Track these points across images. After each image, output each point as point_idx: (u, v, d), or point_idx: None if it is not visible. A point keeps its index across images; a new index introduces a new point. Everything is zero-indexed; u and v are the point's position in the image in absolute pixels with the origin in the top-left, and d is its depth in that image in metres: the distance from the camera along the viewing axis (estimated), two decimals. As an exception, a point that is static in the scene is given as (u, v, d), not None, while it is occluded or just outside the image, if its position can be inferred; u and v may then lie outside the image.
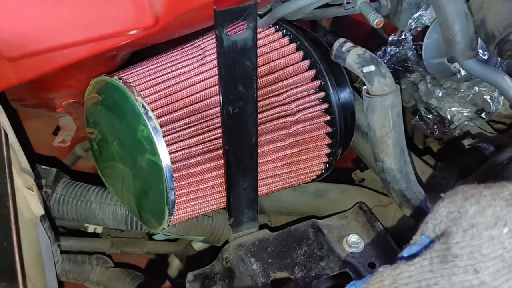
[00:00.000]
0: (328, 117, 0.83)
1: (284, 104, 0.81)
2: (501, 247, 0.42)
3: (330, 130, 0.83)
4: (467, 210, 0.44)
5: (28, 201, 0.63)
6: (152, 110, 0.72)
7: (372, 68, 0.75)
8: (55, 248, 0.84)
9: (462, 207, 0.45)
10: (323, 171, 0.87)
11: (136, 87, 0.74)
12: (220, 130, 0.72)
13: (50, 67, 0.66)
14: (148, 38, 0.68)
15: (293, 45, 0.83)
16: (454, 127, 0.92)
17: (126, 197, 0.83)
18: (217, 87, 0.69)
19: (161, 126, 0.72)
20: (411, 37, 0.87)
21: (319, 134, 0.83)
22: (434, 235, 0.46)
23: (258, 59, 0.67)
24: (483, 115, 0.91)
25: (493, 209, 0.43)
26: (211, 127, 0.76)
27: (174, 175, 0.72)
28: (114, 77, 0.75)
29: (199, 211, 0.79)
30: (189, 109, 0.75)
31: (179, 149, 0.74)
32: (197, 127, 0.75)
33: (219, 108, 0.70)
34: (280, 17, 0.81)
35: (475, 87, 0.89)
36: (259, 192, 0.79)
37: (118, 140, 0.78)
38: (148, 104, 0.72)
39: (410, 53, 0.89)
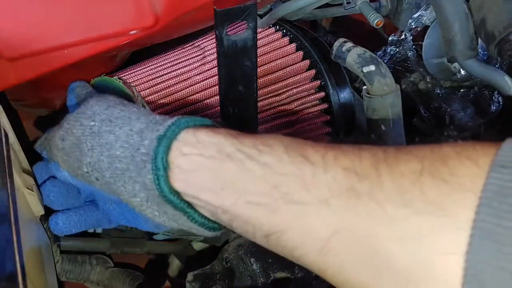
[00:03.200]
0: (328, 117, 0.83)
1: (284, 104, 0.81)
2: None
3: (330, 130, 0.83)
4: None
5: (28, 201, 0.62)
6: (152, 110, 0.72)
7: (372, 68, 0.75)
8: (55, 248, 0.84)
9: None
10: (323, 171, 0.87)
11: (136, 87, 0.74)
12: (220, 130, 0.72)
13: (50, 67, 0.66)
14: (148, 38, 0.67)
15: (293, 45, 0.83)
16: (454, 127, 0.92)
17: (126, 197, 0.83)
18: (217, 87, 0.69)
19: (161, 126, 0.72)
20: (411, 37, 0.87)
21: (319, 134, 0.83)
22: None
23: (258, 59, 0.67)
24: (483, 115, 0.91)
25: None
26: (211, 127, 0.76)
27: (174, 175, 0.72)
28: (114, 77, 0.75)
29: (199, 211, 0.79)
30: (189, 109, 0.75)
31: (179, 149, 0.73)
32: (197, 127, 0.75)
33: (219, 108, 0.70)
34: (280, 17, 0.81)
35: (475, 87, 0.89)
36: (259, 192, 0.79)
37: (118, 140, 0.78)
38: (148, 104, 0.72)
39: (410, 53, 0.89)
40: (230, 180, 0.49)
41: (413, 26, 0.84)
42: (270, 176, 0.47)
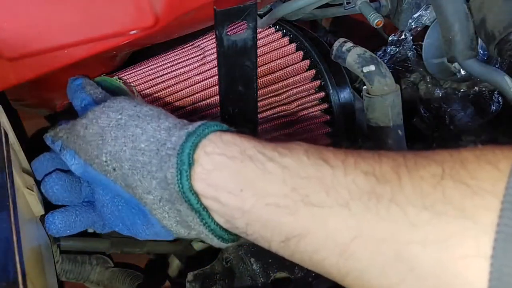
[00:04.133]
0: (328, 117, 0.83)
1: (284, 104, 0.81)
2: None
3: (330, 130, 0.83)
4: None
5: (28, 201, 0.62)
6: (152, 110, 0.72)
7: (372, 68, 0.75)
8: (55, 248, 0.84)
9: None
10: (323, 171, 0.87)
11: (136, 87, 0.74)
12: (220, 130, 0.72)
13: (50, 67, 0.66)
14: (148, 38, 0.67)
15: (293, 45, 0.83)
16: (454, 127, 0.92)
17: (126, 197, 0.83)
18: (217, 87, 0.70)
19: (161, 126, 0.72)
20: (411, 37, 0.87)
21: (319, 134, 0.83)
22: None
23: (258, 59, 0.67)
24: (483, 115, 0.91)
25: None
26: (211, 127, 0.76)
27: (174, 175, 0.72)
28: (114, 77, 0.75)
29: (199, 211, 0.79)
30: (189, 109, 0.75)
31: (179, 149, 0.73)
32: (197, 127, 0.75)
33: (219, 108, 0.70)
34: (280, 17, 0.81)
35: (475, 87, 0.89)
36: (259, 192, 0.79)
37: (118, 140, 0.78)
38: (148, 104, 0.72)
39: (410, 53, 0.89)
40: (250, 181, 0.48)
41: (413, 26, 0.84)
42: (290, 178, 0.47)
